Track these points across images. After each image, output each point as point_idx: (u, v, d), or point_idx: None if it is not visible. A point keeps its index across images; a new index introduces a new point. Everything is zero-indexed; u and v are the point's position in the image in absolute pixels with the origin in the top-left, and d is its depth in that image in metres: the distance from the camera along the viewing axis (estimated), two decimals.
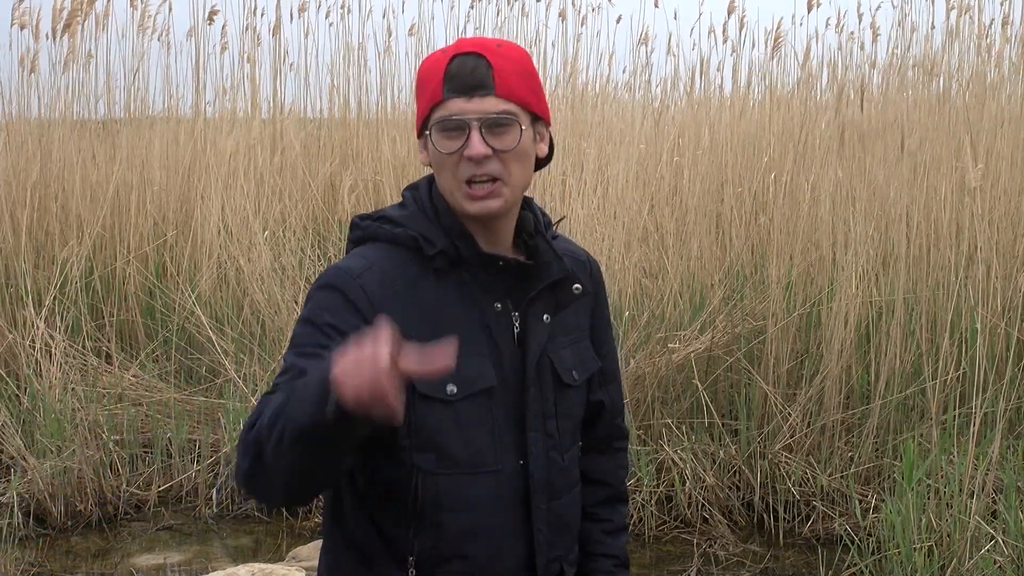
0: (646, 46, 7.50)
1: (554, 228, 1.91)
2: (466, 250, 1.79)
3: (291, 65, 8.29)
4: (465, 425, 1.76)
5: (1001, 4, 6.71)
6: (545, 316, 1.84)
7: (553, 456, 1.85)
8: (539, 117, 1.82)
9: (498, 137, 1.75)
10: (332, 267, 1.82)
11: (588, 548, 1.99)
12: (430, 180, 1.85)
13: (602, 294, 1.99)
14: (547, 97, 2.03)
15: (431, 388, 1.73)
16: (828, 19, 13.72)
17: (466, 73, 1.74)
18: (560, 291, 1.86)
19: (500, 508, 1.80)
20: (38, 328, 5.77)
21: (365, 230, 1.85)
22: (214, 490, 5.33)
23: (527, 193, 1.88)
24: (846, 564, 4.52)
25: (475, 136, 1.74)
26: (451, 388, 1.73)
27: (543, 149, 1.84)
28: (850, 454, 5.09)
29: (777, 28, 7.27)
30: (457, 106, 1.74)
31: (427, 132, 1.78)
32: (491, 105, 1.74)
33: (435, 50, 1.85)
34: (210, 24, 7.51)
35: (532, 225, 1.85)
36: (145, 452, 5.53)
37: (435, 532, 1.77)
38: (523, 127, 1.77)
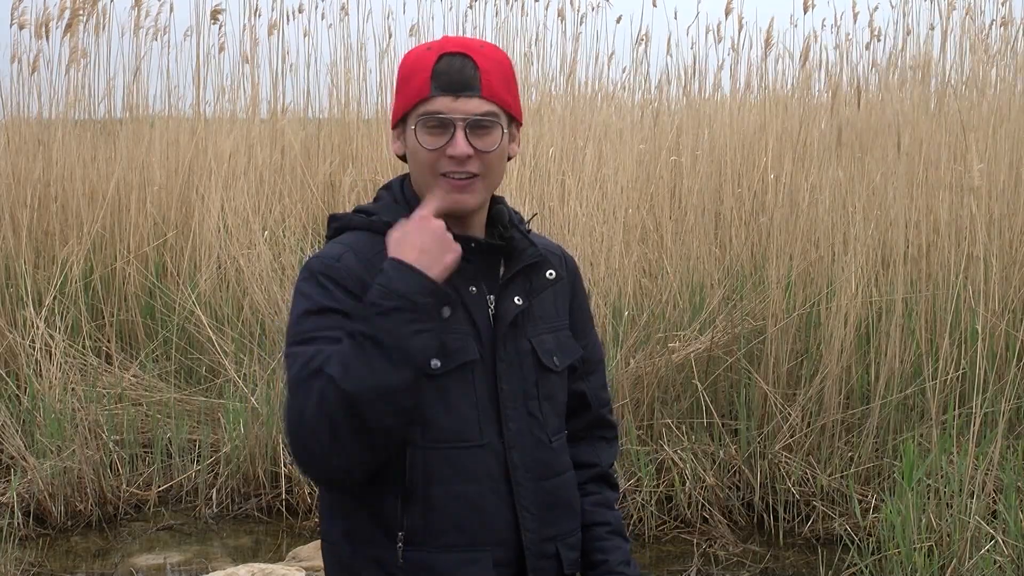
0: (646, 45, 7.51)
1: (527, 224, 1.97)
2: None
3: (291, 66, 8.28)
4: (449, 399, 1.81)
5: (1001, 4, 6.71)
6: (517, 299, 1.89)
7: (539, 436, 1.89)
8: (514, 118, 1.88)
9: (480, 138, 1.82)
10: (311, 259, 1.87)
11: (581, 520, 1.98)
12: (403, 178, 1.93)
13: (579, 285, 2.04)
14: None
15: None
16: (824, 20, 13.71)
17: (454, 72, 1.80)
18: (534, 276, 1.92)
19: (487, 482, 1.83)
20: (38, 328, 5.77)
21: (340, 220, 1.93)
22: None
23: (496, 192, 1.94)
24: (846, 564, 4.52)
25: (460, 136, 1.80)
26: (435, 362, 1.77)
27: (515, 149, 1.92)
28: (850, 454, 5.08)
29: (768, 28, 7.29)
30: (444, 104, 1.80)
31: (409, 125, 1.83)
32: (476, 106, 1.80)
33: (418, 45, 1.89)
34: (214, 23, 7.51)
35: (507, 217, 1.92)
36: (145, 452, 5.53)
37: (424, 506, 1.80)
38: (504, 129, 1.84)
